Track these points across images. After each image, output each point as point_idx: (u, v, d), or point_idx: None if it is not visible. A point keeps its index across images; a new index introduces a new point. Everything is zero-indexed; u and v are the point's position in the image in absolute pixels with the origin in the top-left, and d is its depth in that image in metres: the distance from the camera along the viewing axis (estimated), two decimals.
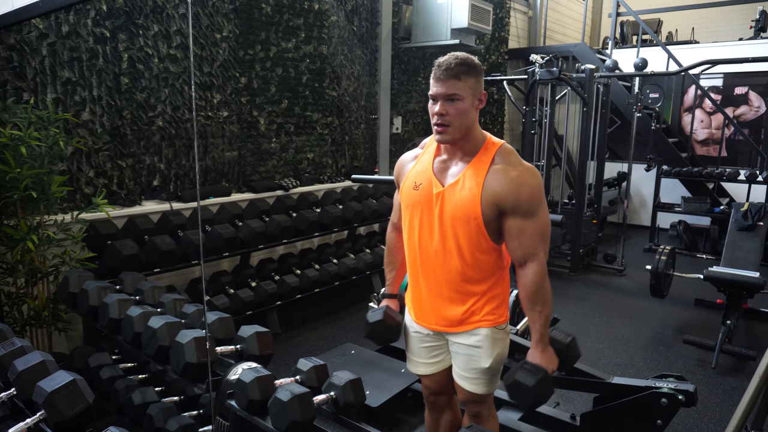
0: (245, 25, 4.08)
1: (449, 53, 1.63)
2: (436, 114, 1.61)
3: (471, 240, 1.67)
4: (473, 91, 1.61)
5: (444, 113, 1.60)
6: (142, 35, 3.45)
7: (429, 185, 1.71)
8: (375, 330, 1.95)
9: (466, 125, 1.62)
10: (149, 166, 3.64)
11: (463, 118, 1.61)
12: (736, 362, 3.58)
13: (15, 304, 2.76)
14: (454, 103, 1.59)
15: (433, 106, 1.62)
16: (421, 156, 1.80)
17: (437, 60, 1.62)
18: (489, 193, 1.60)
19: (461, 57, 1.60)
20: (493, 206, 1.61)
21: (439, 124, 1.62)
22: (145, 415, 2.25)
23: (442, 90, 1.59)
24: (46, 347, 2.86)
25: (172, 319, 2.15)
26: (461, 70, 1.57)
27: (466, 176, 1.64)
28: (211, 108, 3.95)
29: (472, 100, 1.61)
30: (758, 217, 4.62)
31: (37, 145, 2.66)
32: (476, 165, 1.64)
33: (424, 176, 1.73)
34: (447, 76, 1.58)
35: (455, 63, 1.58)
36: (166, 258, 3.27)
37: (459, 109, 1.59)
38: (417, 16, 5.47)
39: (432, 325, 1.83)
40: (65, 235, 2.79)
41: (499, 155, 1.64)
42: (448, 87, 1.58)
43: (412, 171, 1.78)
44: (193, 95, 4.05)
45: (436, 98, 1.62)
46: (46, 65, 3.06)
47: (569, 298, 4.84)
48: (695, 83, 6.90)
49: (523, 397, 1.68)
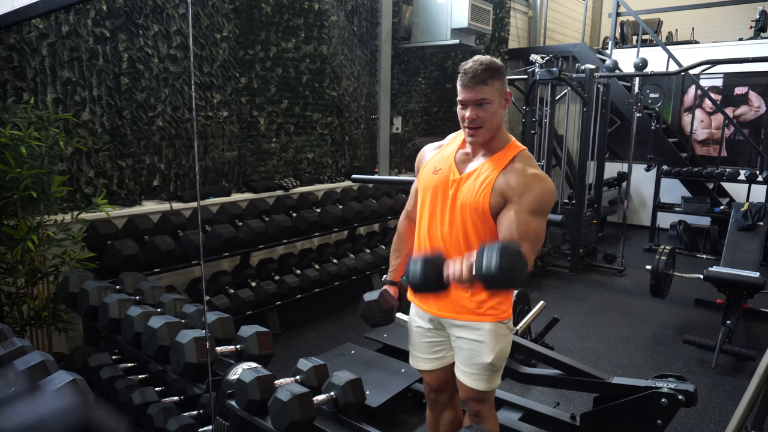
0: (245, 25, 4.08)
1: (473, 58, 1.68)
2: (467, 119, 1.68)
3: (477, 229, 1.70)
4: (500, 93, 1.68)
5: (475, 117, 1.67)
6: (142, 35, 3.45)
7: (448, 171, 1.78)
8: (368, 309, 1.98)
9: (496, 125, 1.70)
10: (149, 166, 3.64)
11: (494, 119, 1.68)
12: (736, 362, 3.58)
13: (15, 304, 2.76)
14: (483, 107, 1.66)
15: (464, 111, 1.69)
16: (446, 146, 1.87)
17: (462, 66, 1.68)
18: (501, 184, 1.66)
19: (486, 62, 1.65)
20: (500, 197, 1.66)
21: (471, 127, 1.69)
22: (145, 415, 2.25)
23: (471, 96, 1.65)
24: (46, 347, 2.86)
25: (172, 319, 2.15)
26: (487, 75, 1.63)
27: (484, 167, 1.71)
28: (211, 108, 3.95)
29: (499, 101, 1.68)
30: (758, 217, 4.62)
31: (37, 145, 2.65)
32: (496, 160, 1.71)
33: (445, 163, 1.80)
34: (474, 83, 1.64)
35: (481, 69, 1.63)
36: (166, 258, 3.27)
37: (489, 111, 1.66)
38: (417, 16, 5.47)
39: (433, 310, 1.85)
40: (65, 235, 2.79)
41: (520, 157, 1.71)
42: (476, 93, 1.64)
43: (434, 158, 1.85)
44: (193, 95, 4.05)
45: (465, 104, 1.68)
46: (46, 65, 3.06)
47: (569, 298, 4.84)
48: (695, 83, 6.90)
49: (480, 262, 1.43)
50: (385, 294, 1.98)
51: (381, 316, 1.97)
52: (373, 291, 2.02)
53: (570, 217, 5.56)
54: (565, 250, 5.70)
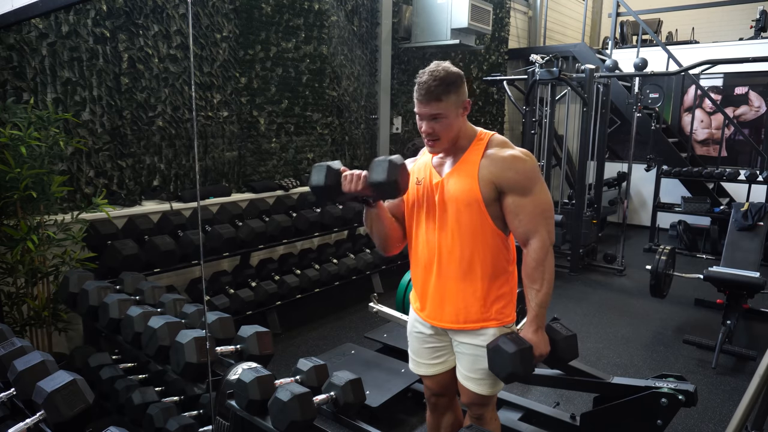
0: (245, 25, 4.08)
1: (429, 68, 1.66)
2: (424, 132, 1.70)
3: (474, 226, 1.70)
4: (455, 105, 1.67)
5: (431, 131, 1.68)
6: (142, 35, 3.45)
7: (429, 177, 1.79)
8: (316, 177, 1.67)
9: (453, 135, 1.70)
10: (149, 166, 3.63)
11: (450, 131, 1.68)
12: (736, 362, 3.58)
13: (15, 304, 2.76)
14: (438, 121, 1.67)
15: (420, 123, 1.70)
16: (420, 157, 1.89)
17: (418, 77, 1.67)
18: (485, 173, 1.67)
19: (439, 75, 1.62)
20: (490, 186, 1.66)
21: (429, 139, 1.71)
22: (145, 415, 2.25)
23: (426, 111, 1.66)
24: (46, 347, 2.86)
25: (172, 319, 2.15)
26: (441, 91, 1.63)
27: (462, 165, 1.72)
28: (211, 108, 3.95)
29: (455, 112, 1.68)
30: (758, 217, 4.62)
31: (37, 145, 2.66)
32: (471, 154, 1.72)
33: (424, 171, 1.82)
34: (428, 99, 1.64)
35: (435, 85, 1.62)
36: (166, 258, 3.26)
37: (444, 125, 1.67)
38: (417, 16, 5.47)
39: (438, 322, 1.82)
40: (65, 235, 2.79)
41: (491, 143, 1.73)
42: (430, 108, 1.65)
43: (412, 170, 1.84)
44: (193, 95, 4.05)
45: (421, 117, 1.69)
46: (46, 65, 3.06)
47: (569, 298, 4.84)
48: (695, 83, 6.90)
49: (500, 363, 1.66)
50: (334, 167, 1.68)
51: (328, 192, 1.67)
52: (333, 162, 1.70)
53: (570, 217, 5.57)
54: (565, 250, 5.70)
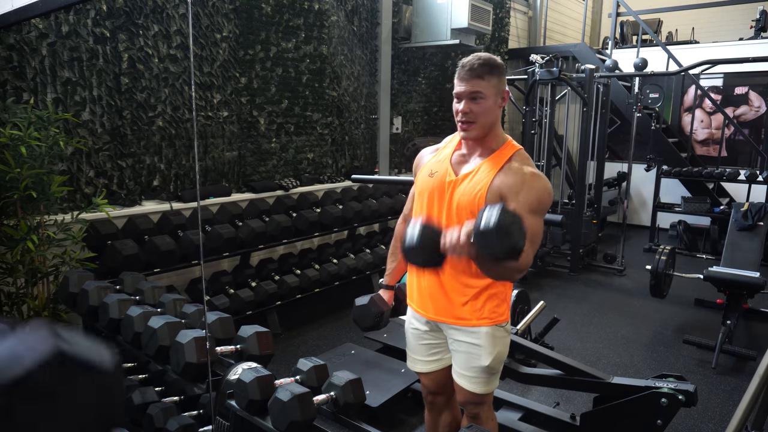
0: (245, 25, 4.08)
1: (473, 54, 1.67)
2: (460, 112, 1.66)
3: None
4: (496, 90, 1.65)
5: (468, 111, 1.64)
6: (142, 35, 3.45)
7: (444, 174, 1.75)
8: (359, 313, 1.97)
9: (489, 122, 1.67)
10: (149, 166, 3.63)
11: (487, 116, 1.65)
12: (736, 362, 3.58)
13: (15, 304, 2.76)
14: (477, 101, 1.64)
15: (458, 104, 1.67)
16: (442, 149, 1.85)
17: (461, 60, 1.67)
18: (497, 184, 1.64)
19: (484, 57, 1.64)
20: (497, 197, 1.63)
21: (464, 122, 1.67)
22: (145, 415, 2.24)
23: (466, 89, 1.63)
24: None
25: (172, 319, 2.15)
26: (484, 70, 1.62)
27: (480, 169, 1.69)
28: (211, 108, 3.95)
29: (495, 98, 1.66)
30: (758, 217, 4.62)
31: (37, 145, 2.65)
32: (493, 160, 1.69)
33: (441, 165, 1.78)
34: (471, 76, 1.62)
35: (478, 63, 1.62)
36: (166, 258, 3.27)
37: (482, 106, 1.64)
38: (417, 16, 5.47)
39: (430, 314, 1.83)
40: (65, 235, 2.79)
41: (517, 157, 1.69)
42: (471, 86, 1.63)
43: (430, 161, 1.83)
44: (193, 95, 4.05)
45: (460, 97, 1.66)
46: (46, 65, 3.06)
47: (569, 298, 4.84)
48: (695, 83, 6.90)
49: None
50: (376, 298, 1.96)
51: (372, 320, 1.95)
52: (365, 296, 2.01)
53: (570, 217, 5.56)
54: (565, 250, 5.70)
